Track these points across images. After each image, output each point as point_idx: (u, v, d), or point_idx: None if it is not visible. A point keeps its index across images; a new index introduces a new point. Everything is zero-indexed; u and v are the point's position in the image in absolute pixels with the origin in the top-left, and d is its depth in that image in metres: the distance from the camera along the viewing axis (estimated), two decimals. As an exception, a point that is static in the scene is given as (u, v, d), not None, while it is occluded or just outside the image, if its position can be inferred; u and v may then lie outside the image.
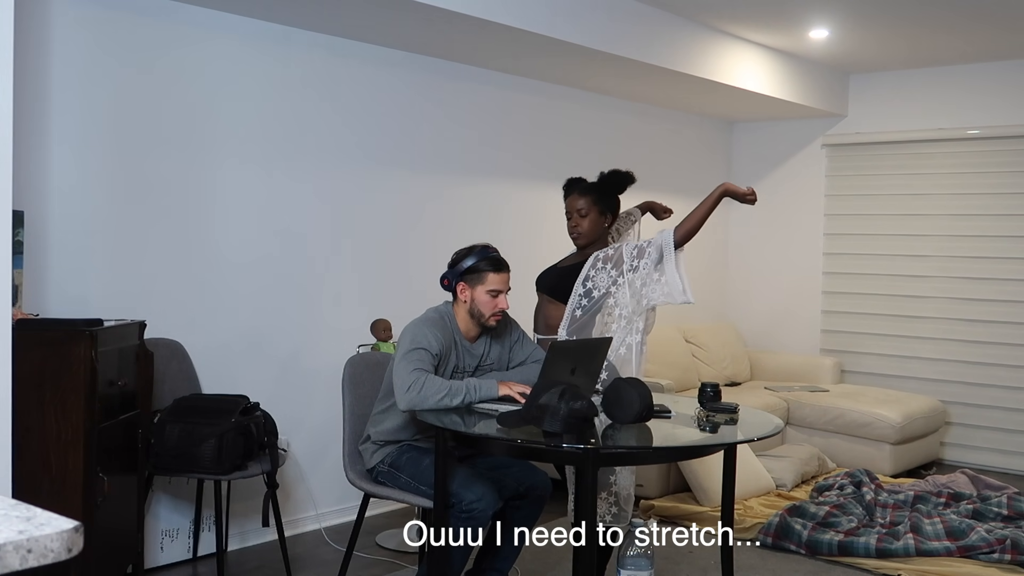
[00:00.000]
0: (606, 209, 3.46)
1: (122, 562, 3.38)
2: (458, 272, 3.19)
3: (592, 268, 3.35)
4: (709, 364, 6.23)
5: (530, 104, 5.45)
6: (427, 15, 3.97)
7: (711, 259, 6.96)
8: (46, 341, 2.92)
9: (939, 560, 3.98)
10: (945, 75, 6.18)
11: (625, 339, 3.33)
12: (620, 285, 3.29)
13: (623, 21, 4.75)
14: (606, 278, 3.32)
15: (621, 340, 3.32)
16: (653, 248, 3.25)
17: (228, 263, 4.09)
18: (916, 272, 6.29)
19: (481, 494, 2.99)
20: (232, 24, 4.03)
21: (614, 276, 3.30)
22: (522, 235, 5.14)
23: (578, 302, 3.35)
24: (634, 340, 3.33)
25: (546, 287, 3.52)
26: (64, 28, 3.53)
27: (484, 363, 3.29)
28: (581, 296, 3.34)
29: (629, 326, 3.34)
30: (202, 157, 3.98)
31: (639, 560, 2.99)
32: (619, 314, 3.31)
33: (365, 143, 4.61)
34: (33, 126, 3.43)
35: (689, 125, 6.67)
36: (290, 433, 4.12)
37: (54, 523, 1.16)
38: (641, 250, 3.27)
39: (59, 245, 3.53)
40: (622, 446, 2.87)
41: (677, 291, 3.22)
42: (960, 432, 6.15)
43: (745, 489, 4.68)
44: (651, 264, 3.24)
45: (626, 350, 3.32)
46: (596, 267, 3.34)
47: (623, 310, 3.30)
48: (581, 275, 3.36)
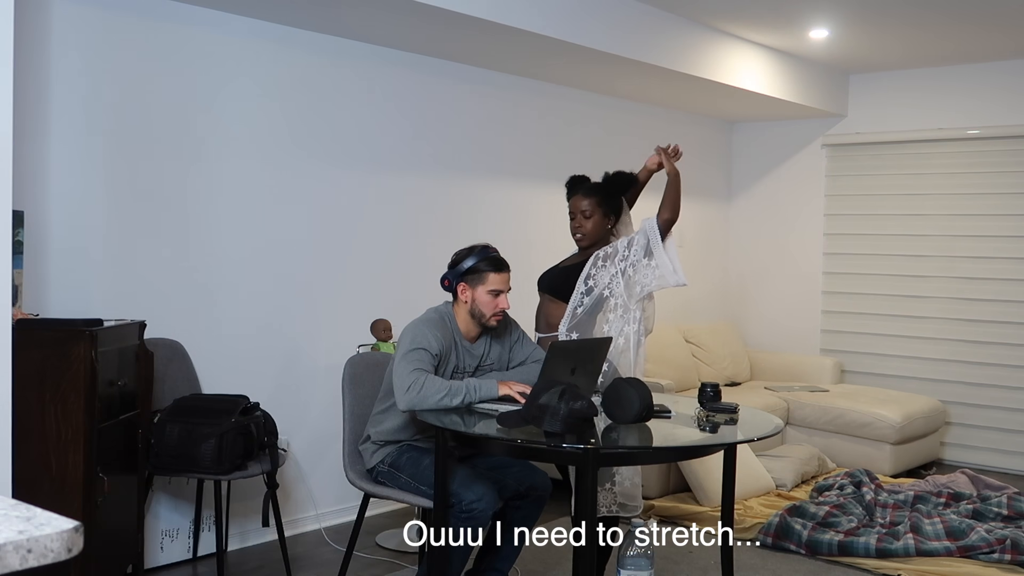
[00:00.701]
0: (609, 210, 3.47)
1: (122, 562, 3.38)
2: (459, 272, 3.19)
3: (593, 267, 3.38)
4: (709, 364, 6.22)
5: (530, 104, 5.45)
6: (427, 15, 3.97)
7: (711, 259, 6.96)
8: (46, 341, 2.92)
9: (939, 560, 3.98)
10: (945, 75, 6.18)
11: (623, 329, 3.36)
12: (616, 277, 3.35)
13: (623, 21, 4.75)
14: (606, 275, 3.35)
15: (619, 330, 3.35)
16: (640, 235, 3.35)
17: (228, 263, 4.09)
18: (916, 272, 6.29)
19: (481, 494, 2.99)
20: (232, 24, 4.03)
21: (612, 272, 3.33)
22: (522, 235, 5.14)
23: (579, 300, 3.37)
24: (631, 330, 3.36)
25: (548, 286, 3.53)
26: (64, 28, 3.53)
27: (484, 363, 3.29)
28: (583, 294, 3.37)
29: (626, 315, 3.36)
30: (202, 157, 3.98)
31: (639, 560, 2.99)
32: (615, 303, 3.34)
33: (365, 143, 4.61)
34: (33, 126, 3.43)
35: (689, 125, 6.67)
36: (290, 433, 4.12)
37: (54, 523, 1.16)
38: (631, 240, 3.37)
39: (59, 245, 3.53)
40: (622, 446, 2.87)
41: (668, 272, 3.31)
42: (960, 432, 6.15)
43: (745, 489, 4.68)
44: (640, 251, 3.33)
45: (624, 340, 3.34)
46: (597, 265, 3.38)
47: (618, 299, 3.33)
48: (583, 274, 3.38)
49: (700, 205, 6.85)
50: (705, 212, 6.90)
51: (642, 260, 3.33)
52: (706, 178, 6.90)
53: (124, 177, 3.74)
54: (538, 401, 2.73)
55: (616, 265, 3.35)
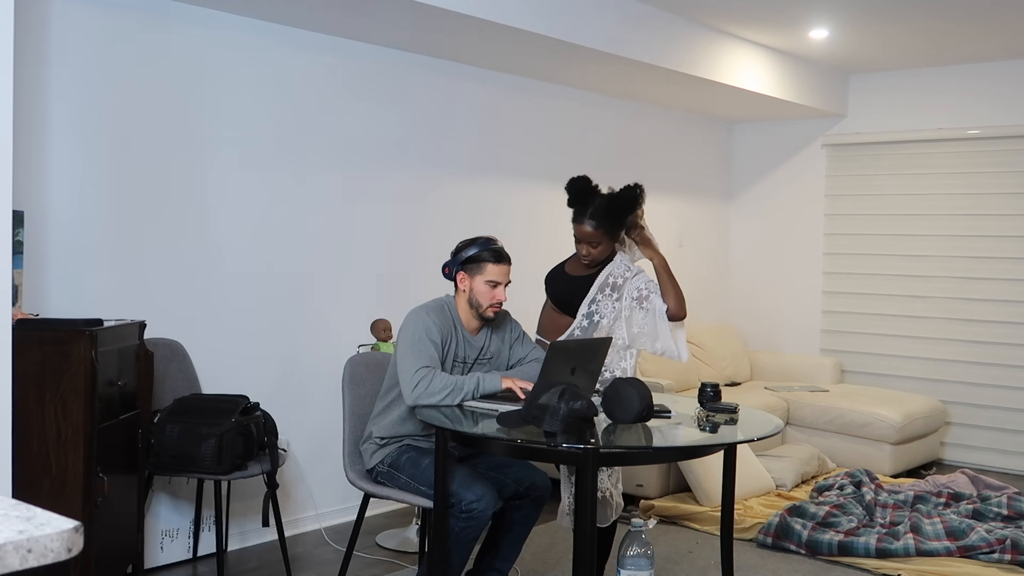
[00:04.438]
0: (615, 231, 3.36)
1: (122, 562, 3.38)
2: (459, 261, 3.21)
3: (600, 292, 3.36)
4: (709, 364, 6.22)
5: (531, 104, 5.45)
6: (427, 15, 3.97)
7: (711, 259, 6.96)
8: (46, 341, 2.92)
9: (939, 560, 3.98)
10: (945, 75, 6.18)
11: (620, 364, 3.35)
12: (619, 319, 3.34)
13: (624, 22, 4.75)
14: (610, 306, 3.34)
15: (616, 365, 3.33)
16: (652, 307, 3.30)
17: (228, 263, 4.09)
18: (916, 272, 6.30)
19: (481, 494, 2.99)
20: (232, 24, 4.03)
21: (617, 308, 3.33)
22: (523, 234, 5.14)
23: (579, 322, 3.37)
24: (628, 365, 3.36)
25: (553, 295, 3.51)
26: (64, 28, 3.53)
27: (483, 356, 3.30)
28: (583, 317, 3.36)
29: (624, 352, 3.36)
30: (202, 157, 3.98)
31: (639, 560, 2.99)
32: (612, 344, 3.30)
33: (365, 143, 4.61)
34: (33, 126, 3.43)
35: (689, 125, 6.67)
36: (290, 433, 4.12)
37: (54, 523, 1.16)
38: (642, 298, 3.31)
39: (59, 245, 3.53)
40: (622, 446, 2.88)
41: (672, 354, 3.33)
42: (960, 432, 6.15)
43: (745, 489, 4.69)
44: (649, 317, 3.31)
45: (620, 373, 3.33)
46: (604, 291, 3.35)
47: (618, 340, 3.32)
48: (588, 296, 3.36)
49: (700, 205, 6.85)
50: (705, 212, 6.91)
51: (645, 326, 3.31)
52: (706, 178, 6.90)
53: (124, 177, 3.74)
54: (538, 401, 2.73)
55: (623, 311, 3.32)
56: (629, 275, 3.36)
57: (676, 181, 6.59)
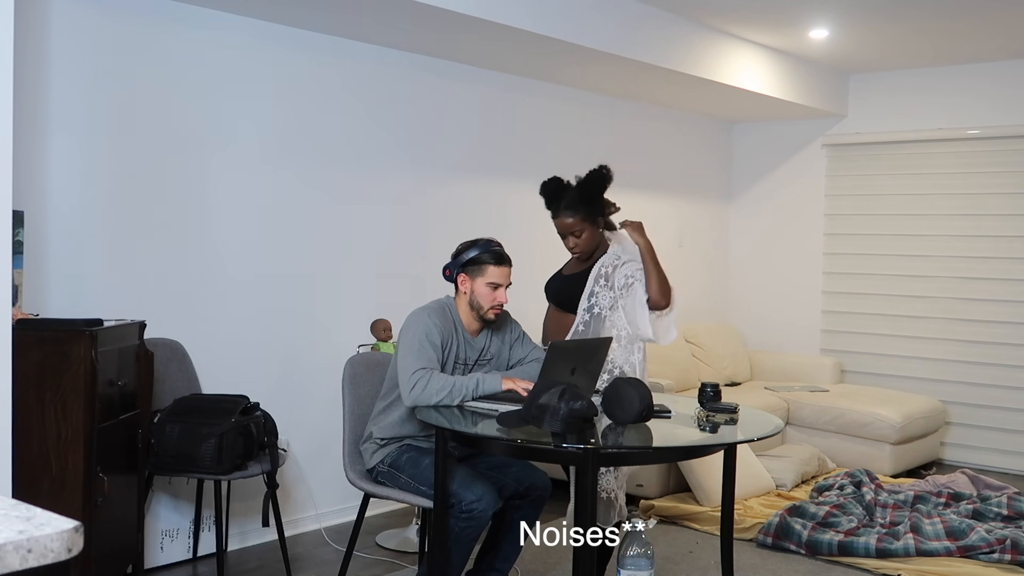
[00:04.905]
0: (596, 215, 3.38)
1: (122, 562, 3.38)
2: (460, 263, 3.21)
3: (596, 284, 3.36)
4: (709, 364, 6.23)
5: (531, 104, 5.45)
6: (427, 15, 3.97)
7: (712, 259, 6.96)
8: (46, 341, 2.92)
9: (939, 560, 3.98)
10: (945, 75, 6.18)
11: (629, 359, 3.34)
12: (615, 308, 3.34)
13: (624, 22, 4.75)
14: (607, 296, 3.33)
15: (625, 360, 3.32)
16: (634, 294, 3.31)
17: (228, 263, 4.09)
18: (916, 272, 6.29)
19: (481, 494, 2.99)
20: (232, 24, 4.03)
21: (611, 298, 3.32)
22: (523, 235, 5.13)
23: (582, 317, 3.37)
24: (636, 359, 3.35)
25: (554, 298, 3.52)
26: (64, 27, 3.53)
27: (484, 357, 3.30)
28: (585, 311, 3.37)
29: (631, 345, 3.35)
30: (202, 157, 3.98)
31: (639, 560, 2.99)
32: (616, 335, 3.31)
33: (365, 143, 4.61)
34: (33, 126, 3.43)
35: (689, 125, 6.67)
36: (290, 433, 4.12)
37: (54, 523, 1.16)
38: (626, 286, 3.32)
39: (59, 245, 3.53)
40: (622, 446, 2.87)
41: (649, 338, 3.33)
42: (960, 432, 6.15)
43: (745, 489, 4.68)
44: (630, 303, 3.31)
45: (629, 368, 3.32)
46: (600, 283, 3.35)
47: (620, 331, 3.32)
48: (586, 290, 3.37)
49: (700, 205, 6.85)
50: (705, 212, 6.91)
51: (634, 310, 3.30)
52: (706, 178, 6.90)
53: (124, 177, 3.74)
54: (538, 401, 2.73)
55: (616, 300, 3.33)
56: (619, 263, 3.37)
57: (676, 181, 6.59)
